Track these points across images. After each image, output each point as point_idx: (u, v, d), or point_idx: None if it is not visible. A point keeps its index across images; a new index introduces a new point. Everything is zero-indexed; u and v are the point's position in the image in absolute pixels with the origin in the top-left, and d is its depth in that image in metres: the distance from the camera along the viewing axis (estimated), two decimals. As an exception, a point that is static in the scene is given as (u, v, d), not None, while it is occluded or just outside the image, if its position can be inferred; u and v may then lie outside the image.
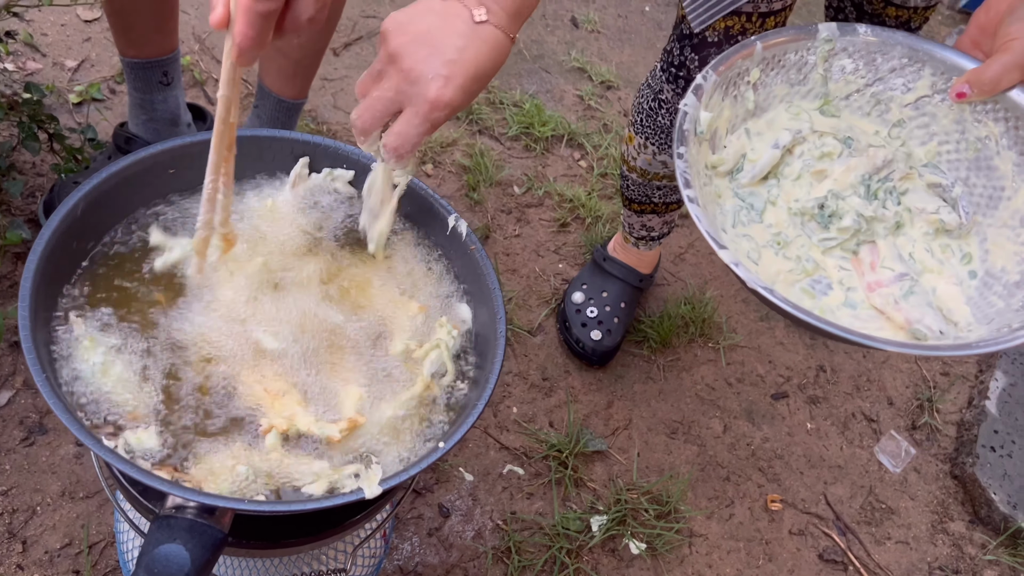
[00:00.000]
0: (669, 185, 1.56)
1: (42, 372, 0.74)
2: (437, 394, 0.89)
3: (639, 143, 1.49)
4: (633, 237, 1.75)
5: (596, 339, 1.71)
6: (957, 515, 1.74)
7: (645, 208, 1.64)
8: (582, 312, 1.75)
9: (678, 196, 1.60)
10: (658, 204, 1.62)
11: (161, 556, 0.68)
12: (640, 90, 1.47)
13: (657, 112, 1.41)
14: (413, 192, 1.01)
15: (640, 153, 1.50)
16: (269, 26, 0.70)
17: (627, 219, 1.72)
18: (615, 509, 1.55)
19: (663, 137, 1.44)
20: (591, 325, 1.73)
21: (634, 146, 1.51)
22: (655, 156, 1.48)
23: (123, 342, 0.83)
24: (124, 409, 0.79)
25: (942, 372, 1.98)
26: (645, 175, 1.54)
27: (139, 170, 0.91)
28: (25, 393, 1.43)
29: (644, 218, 1.68)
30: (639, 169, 1.54)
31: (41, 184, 1.66)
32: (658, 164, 1.50)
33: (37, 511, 1.33)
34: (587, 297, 1.77)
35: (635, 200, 1.63)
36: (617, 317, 1.75)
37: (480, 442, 1.59)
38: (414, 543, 1.44)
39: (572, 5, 2.56)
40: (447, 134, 2.06)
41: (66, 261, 0.86)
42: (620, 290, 1.78)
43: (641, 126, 1.47)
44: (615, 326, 1.74)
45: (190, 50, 2.03)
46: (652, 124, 1.44)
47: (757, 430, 1.76)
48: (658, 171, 1.52)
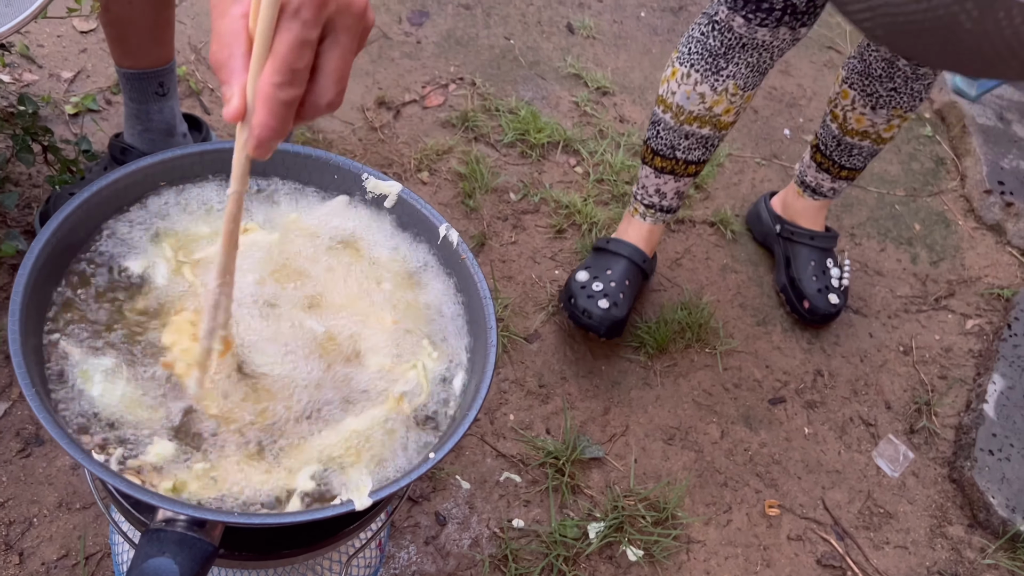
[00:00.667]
0: (698, 133, 1.62)
1: (31, 386, 0.74)
2: (408, 412, 0.88)
3: (682, 73, 1.57)
4: (643, 205, 1.78)
5: (604, 307, 1.70)
6: (956, 519, 1.74)
7: (667, 165, 1.69)
8: (587, 287, 1.74)
9: (700, 152, 1.67)
10: (680, 161, 1.67)
11: (151, 570, 0.68)
12: (693, 24, 1.58)
13: (709, 35, 1.52)
14: (404, 201, 1.01)
15: (681, 85, 1.58)
16: (292, 114, 0.62)
17: (643, 180, 1.76)
18: (612, 516, 1.55)
19: (709, 63, 1.53)
20: (597, 297, 1.72)
21: (676, 79, 1.59)
22: (696, 87, 1.56)
23: (116, 362, 0.83)
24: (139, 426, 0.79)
25: (940, 376, 1.98)
26: (679, 115, 1.61)
27: (130, 182, 0.91)
28: (22, 404, 1.44)
29: (661, 179, 1.72)
30: (675, 107, 1.60)
31: (37, 195, 1.66)
32: (696, 98, 1.57)
33: (34, 523, 1.34)
34: (592, 276, 1.76)
35: (659, 153, 1.68)
36: (623, 292, 1.74)
37: (477, 450, 1.59)
38: (411, 552, 1.44)
39: (567, 11, 2.57)
40: (443, 141, 2.06)
41: (57, 273, 0.86)
42: (625, 267, 1.78)
43: (688, 55, 1.56)
44: (621, 300, 1.73)
45: (186, 60, 2.03)
46: (701, 48, 1.54)
47: (755, 435, 1.76)
48: (694, 109, 1.58)
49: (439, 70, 2.26)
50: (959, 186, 2.46)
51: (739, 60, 1.51)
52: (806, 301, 1.93)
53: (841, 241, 2.19)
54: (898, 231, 2.27)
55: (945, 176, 2.49)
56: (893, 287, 2.14)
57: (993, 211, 2.35)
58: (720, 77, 1.53)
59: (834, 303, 1.93)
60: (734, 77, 1.53)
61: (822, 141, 1.89)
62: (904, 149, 2.51)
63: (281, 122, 0.61)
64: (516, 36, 2.43)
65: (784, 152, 2.38)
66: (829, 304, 1.92)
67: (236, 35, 0.60)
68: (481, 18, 2.44)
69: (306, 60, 0.60)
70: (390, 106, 2.12)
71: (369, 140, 2.03)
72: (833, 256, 2.00)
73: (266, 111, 0.60)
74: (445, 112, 2.16)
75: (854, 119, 1.80)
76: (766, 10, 1.43)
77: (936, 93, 2.68)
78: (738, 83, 1.55)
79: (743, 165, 2.30)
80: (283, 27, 0.58)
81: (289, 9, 0.58)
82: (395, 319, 0.93)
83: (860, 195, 2.33)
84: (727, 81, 1.54)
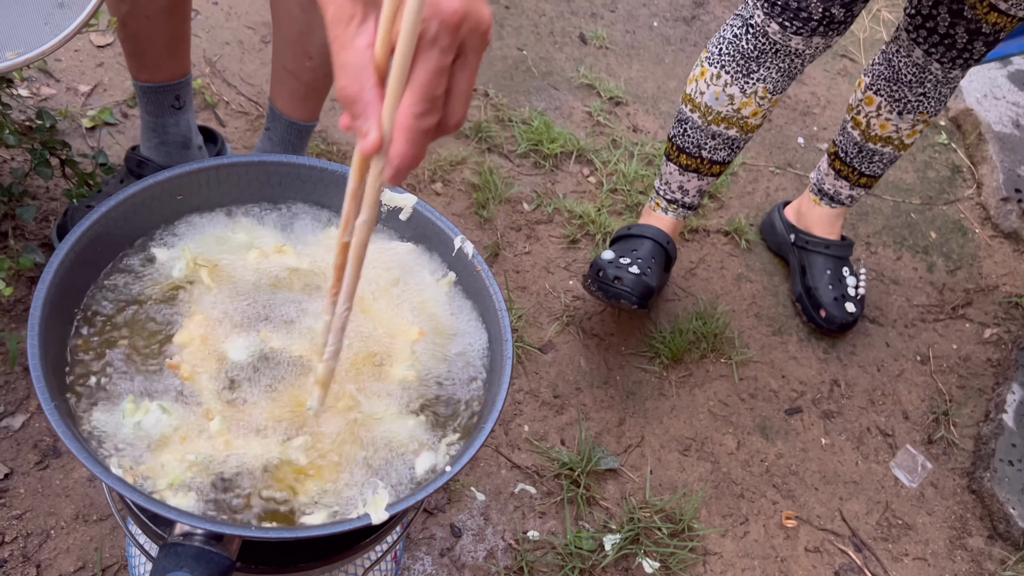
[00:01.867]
0: (724, 134, 1.63)
1: (51, 400, 0.75)
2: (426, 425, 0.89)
3: (712, 74, 1.58)
4: (665, 200, 1.79)
5: (636, 272, 1.66)
6: (976, 530, 1.72)
7: (691, 163, 1.70)
8: (615, 262, 1.70)
9: (725, 153, 1.68)
10: (704, 160, 1.69)
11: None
12: (725, 24, 1.59)
13: (742, 38, 1.53)
14: (419, 214, 1.01)
15: (710, 85, 1.59)
16: (429, 141, 0.62)
17: (666, 176, 1.77)
18: (628, 528, 1.54)
19: (740, 65, 1.55)
20: (627, 266, 1.68)
21: (705, 79, 1.60)
22: (725, 88, 1.57)
23: (144, 387, 0.83)
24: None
25: (958, 385, 1.96)
26: (707, 115, 1.62)
27: (147, 196, 0.92)
28: (39, 417, 1.44)
29: (685, 177, 1.73)
30: (703, 107, 1.61)
31: (54, 208, 1.67)
32: (725, 99, 1.58)
33: (51, 534, 1.34)
34: (617, 255, 1.72)
35: (685, 151, 1.69)
36: (651, 267, 1.71)
37: (492, 461, 1.59)
38: (426, 563, 1.44)
39: (580, 22, 2.57)
40: (456, 152, 2.07)
41: (77, 287, 0.87)
42: (651, 247, 1.76)
43: (719, 56, 1.57)
44: (651, 271, 1.70)
45: (201, 73, 2.05)
46: (733, 51, 1.55)
47: (771, 446, 1.75)
48: (722, 109, 1.59)
49: (452, 81, 2.26)
50: (975, 194, 2.45)
51: (771, 65, 1.53)
52: (822, 310, 1.92)
53: (857, 250, 2.17)
54: (914, 239, 2.26)
55: (961, 184, 2.47)
56: (910, 296, 2.12)
57: (1010, 219, 2.33)
58: (751, 80, 1.55)
59: (851, 312, 1.92)
60: (764, 81, 1.55)
61: (841, 148, 1.90)
62: (919, 157, 2.50)
63: (420, 150, 0.61)
64: (529, 47, 2.44)
65: (798, 161, 2.37)
66: (846, 313, 1.91)
67: (364, 67, 0.59)
68: (494, 29, 2.44)
69: (444, 87, 0.60)
70: (404, 117, 2.13)
71: (383, 151, 2.03)
72: (849, 264, 2.00)
73: (406, 141, 0.59)
74: (458, 123, 2.16)
75: (878, 125, 1.80)
76: (803, 19, 1.44)
77: (952, 100, 2.66)
78: (767, 87, 1.56)
79: (757, 174, 2.29)
80: (421, 56, 0.58)
81: (427, 38, 0.57)
82: (421, 331, 0.94)
83: (876, 204, 2.32)
84: (757, 84, 1.55)
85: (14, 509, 1.35)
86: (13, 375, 1.47)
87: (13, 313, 1.53)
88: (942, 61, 1.67)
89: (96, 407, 0.81)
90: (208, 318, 0.89)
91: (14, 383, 1.47)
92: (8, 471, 1.38)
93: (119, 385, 0.83)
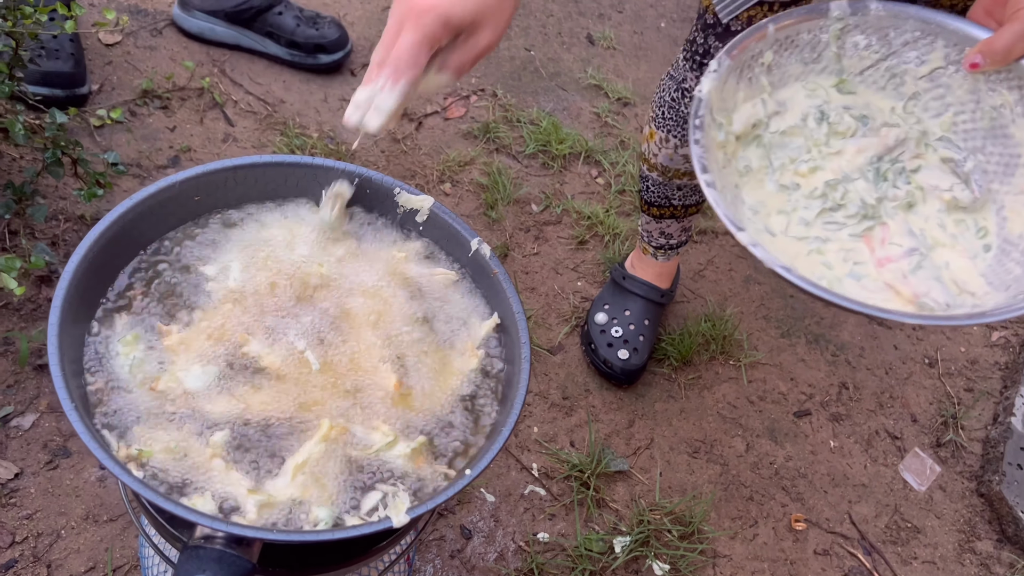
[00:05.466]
0: (690, 184, 1.56)
1: (70, 400, 0.74)
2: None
3: (660, 137, 1.49)
4: (652, 247, 1.74)
5: (624, 358, 1.71)
6: (984, 534, 1.72)
7: (664, 212, 1.64)
8: (607, 332, 1.74)
9: (698, 197, 1.60)
10: (677, 207, 1.62)
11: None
12: (661, 83, 1.47)
13: (680, 102, 1.41)
14: (435, 215, 1.01)
15: (662, 148, 1.50)
16: None
17: (645, 227, 1.71)
18: (638, 530, 1.54)
19: (686, 128, 1.42)
20: (617, 345, 1.72)
21: (655, 141, 1.50)
22: (676, 150, 1.48)
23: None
24: None
25: (966, 388, 1.96)
26: (666, 172, 1.54)
27: (165, 198, 0.92)
28: (49, 416, 1.44)
29: (663, 224, 1.67)
30: (660, 167, 1.53)
31: (64, 207, 1.67)
32: (679, 159, 1.49)
33: (61, 534, 1.34)
34: (610, 317, 1.76)
35: (654, 204, 1.62)
36: (642, 335, 1.74)
37: (501, 462, 1.59)
38: (436, 565, 1.44)
39: (588, 22, 2.57)
40: (465, 152, 2.07)
41: (93, 290, 0.87)
42: (642, 307, 1.77)
43: (663, 119, 1.46)
44: (641, 344, 1.73)
45: (209, 72, 2.05)
46: (675, 115, 1.44)
47: (780, 448, 1.75)
48: (679, 167, 1.51)
49: (460, 81, 2.26)
50: (983, 196, 2.44)
51: None
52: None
53: (864, 252, 2.17)
54: (922, 242, 2.26)
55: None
56: (917, 299, 2.12)
57: (1018, 222, 2.33)
58: None
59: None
60: None
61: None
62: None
63: None
64: (537, 47, 2.43)
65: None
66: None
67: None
68: (501, 29, 2.44)
69: None
70: (412, 117, 2.13)
71: (391, 152, 2.03)
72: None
73: None
74: (467, 123, 2.16)
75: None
76: None
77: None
78: None
79: (765, 176, 2.29)
80: None
81: None
82: (397, 382, 0.93)
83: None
84: None
85: (24, 509, 1.35)
86: (23, 375, 1.47)
87: (23, 312, 1.53)
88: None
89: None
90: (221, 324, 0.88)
91: (24, 382, 1.46)
92: (18, 471, 1.38)
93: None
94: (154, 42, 2.06)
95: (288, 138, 1.94)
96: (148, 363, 0.84)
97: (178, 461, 0.78)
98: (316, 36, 2.06)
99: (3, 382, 1.46)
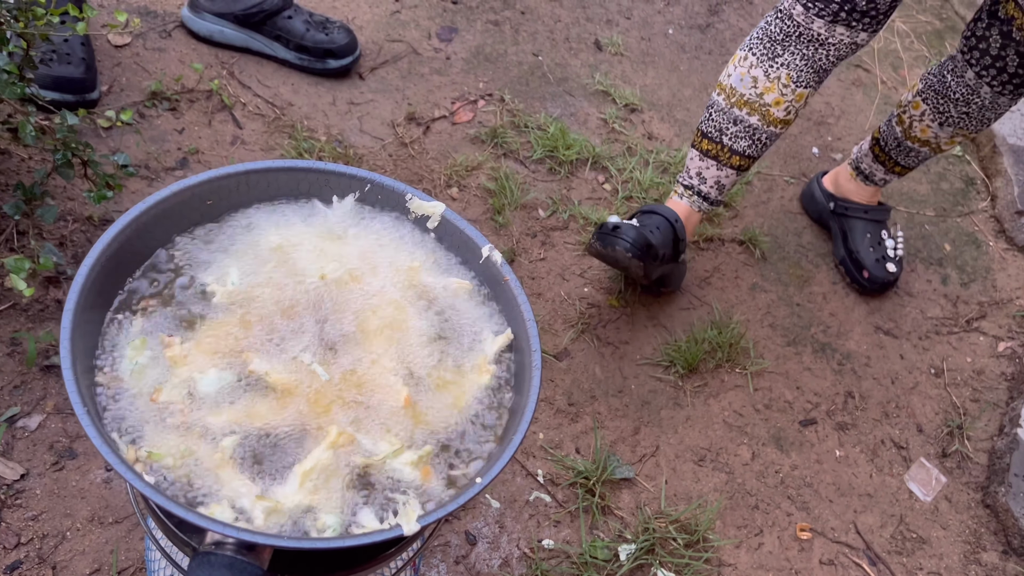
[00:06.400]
0: (746, 120, 1.66)
1: (82, 405, 0.74)
2: None
3: (740, 56, 1.64)
4: (682, 186, 1.81)
5: (635, 226, 1.65)
6: (990, 545, 1.72)
7: (711, 149, 1.72)
8: (618, 222, 1.67)
9: (746, 144, 1.69)
10: (724, 147, 1.71)
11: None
12: (765, 16, 1.64)
13: (772, 22, 1.58)
14: (447, 221, 1.01)
15: (737, 67, 1.64)
16: None
17: (687, 163, 1.80)
18: (643, 538, 1.53)
19: (766, 47, 1.59)
20: (628, 224, 1.66)
21: (735, 62, 1.65)
22: (750, 69, 1.62)
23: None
24: None
25: (972, 399, 1.95)
26: (731, 96, 1.65)
27: (178, 201, 0.92)
28: (55, 417, 1.44)
29: (704, 163, 1.75)
30: (728, 88, 1.66)
31: (72, 208, 1.67)
32: (748, 80, 1.62)
33: (67, 536, 1.34)
34: (622, 218, 1.75)
35: (707, 135, 1.72)
36: (654, 231, 1.69)
37: (507, 469, 1.58)
38: (441, 571, 1.43)
39: (595, 28, 2.57)
40: (472, 157, 2.07)
41: (106, 292, 0.87)
42: (658, 220, 1.72)
43: (750, 40, 1.63)
44: (654, 234, 1.68)
45: (218, 75, 2.05)
46: (761, 35, 1.60)
47: (786, 457, 1.74)
48: (744, 93, 1.63)
49: (468, 86, 2.26)
50: (989, 206, 2.44)
51: (795, 50, 1.56)
52: (865, 271, 2.04)
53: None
54: (928, 251, 2.26)
55: (975, 196, 2.46)
56: (924, 308, 2.12)
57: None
58: (775, 64, 1.58)
59: (892, 271, 2.05)
60: (787, 67, 1.57)
61: (883, 137, 1.99)
62: (933, 169, 2.49)
63: None
64: (544, 53, 2.44)
65: (813, 170, 2.37)
66: (887, 272, 2.04)
67: None
68: (510, 35, 2.44)
69: None
70: (420, 122, 2.13)
71: (399, 156, 2.03)
72: (887, 228, 2.13)
73: None
74: (474, 128, 2.16)
75: (920, 129, 1.89)
76: (824, 1, 1.49)
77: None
78: (791, 74, 1.58)
79: (772, 183, 2.29)
80: None
81: None
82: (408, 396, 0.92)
83: (890, 215, 2.32)
84: (780, 70, 1.58)
85: (30, 510, 1.35)
86: (29, 375, 1.47)
87: (30, 313, 1.53)
88: (992, 85, 1.72)
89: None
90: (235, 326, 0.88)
91: (30, 383, 1.46)
92: (24, 472, 1.38)
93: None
94: (163, 44, 2.06)
95: (296, 141, 1.95)
96: (152, 369, 0.83)
97: (187, 466, 0.78)
98: (325, 41, 2.06)
99: (10, 383, 1.46)
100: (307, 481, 0.79)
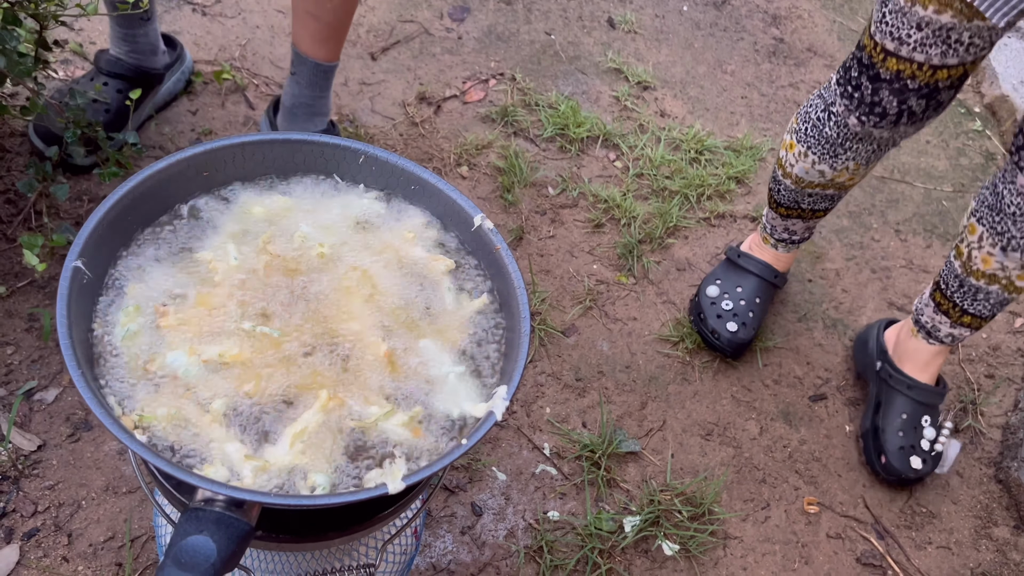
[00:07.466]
0: (821, 193, 1.63)
1: (77, 368, 0.77)
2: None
3: (800, 151, 1.56)
4: (773, 239, 1.81)
5: (732, 331, 1.74)
6: (1002, 520, 1.70)
7: (792, 213, 1.71)
8: (717, 304, 1.78)
9: (826, 204, 1.67)
10: (805, 210, 1.69)
11: (189, 546, 0.70)
12: (809, 100, 1.54)
13: (825, 123, 1.49)
14: (439, 192, 1.02)
15: (799, 161, 1.57)
16: None
17: (770, 221, 1.78)
18: (648, 510, 1.54)
19: (826, 148, 1.51)
20: (726, 317, 1.76)
21: (794, 153, 1.58)
22: (814, 165, 1.55)
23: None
24: None
25: (986, 375, 1.94)
26: (800, 183, 1.61)
27: (174, 172, 0.94)
28: (72, 390, 1.48)
29: (789, 222, 1.74)
30: (794, 176, 1.61)
31: (88, 188, 1.71)
32: (815, 173, 1.57)
33: (82, 505, 1.38)
34: (722, 291, 1.80)
35: (783, 204, 1.70)
36: (752, 311, 1.78)
37: (513, 442, 1.60)
38: (447, 541, 1.46)
39: (609, 6, 2.56)
40: (483, 136, 2.07)
41: (102, 263, 0.89)
42: (755, 285, 1.80)
43: (805, 135, 1.54)
44: (750, 320, 1.76)
45: (231, 57, 2.07)
46: (817, 134, 1.51)
47: (794, 432, 1.74)
48: (814, 179, 1.58)
49: (479, 65, 2.27)
50: (1010, 181, 2.40)
51: (859, 148, 1.49)
52: (883, 456, 1.67)
53: (886, 238, 2.15)
54: (945, 228, 2.23)
55: (994, 172, 2.43)
56: (939, 284, 2.10)
57: (1045, 207, 2.29)
58: (839, 160, 1.52)
59: (915, 467, 1.64)
60: (855, 159, 1.51)
61: (943, 279, 1.62)
62: (952, 144, 2.46)
63: None
64: (557, 31, 2.43)
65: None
66: (908, 467, 1.64)
67: None
68: (522, 13, 2.44)
69: None
70: (431, 101, 2.14)
71: (410, 135, 2.05)
72: (933, 413, 1.70)
73: None
74: (485, 107, 2.17)
75: (980, 259, 1.51)
76: (879, 114, 1.38)
77: (987, 87, 2.62)
78: (859, 162, 1.52)
79: (785, 160, 2.28)
80: None
81: None
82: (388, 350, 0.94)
83: (906, 191, 2.29)
84: (848, 162, 1.52)
85: (47, 480, 1.39)
86: (47, 350, 1.51)
87: (48, 290, 1.57)
88: None
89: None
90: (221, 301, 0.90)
91: (48, 358, 1.50)
92: (41, 443, 1.42)
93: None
94: (177, 25, 2.09)
95: (307, 121, 1.96)
96: (143, 336, 0.86)
97: (179, 428, 0.80)
98: None
99: (28, 357, 1.50)
100: (297, 442, 0.82)
